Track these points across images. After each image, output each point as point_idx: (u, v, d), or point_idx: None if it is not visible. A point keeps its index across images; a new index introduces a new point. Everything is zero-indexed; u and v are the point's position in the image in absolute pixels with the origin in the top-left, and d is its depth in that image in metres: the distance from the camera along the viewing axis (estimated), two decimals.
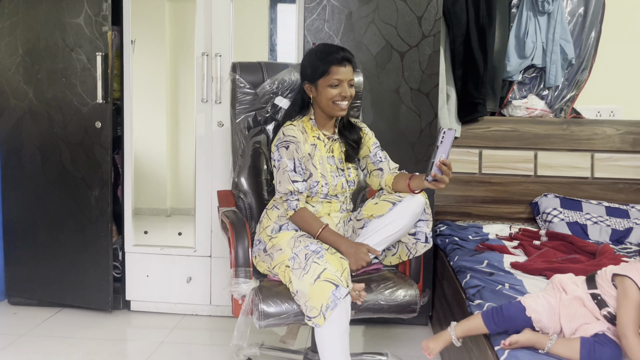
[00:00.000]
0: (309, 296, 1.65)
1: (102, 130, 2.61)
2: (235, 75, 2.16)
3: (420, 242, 1.91)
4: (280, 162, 1.89)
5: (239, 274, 1.80)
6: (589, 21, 2.88)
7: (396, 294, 1.84)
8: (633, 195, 2.84)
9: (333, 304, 1.63)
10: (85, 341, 2.46)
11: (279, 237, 1.89)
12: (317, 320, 1.63)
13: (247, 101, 2.17)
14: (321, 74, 1.89)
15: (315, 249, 1.74)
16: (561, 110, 2.95)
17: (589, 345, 1.33)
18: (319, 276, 1.65)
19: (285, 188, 1.88)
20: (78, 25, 2.59)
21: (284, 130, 1.92)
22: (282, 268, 1.81)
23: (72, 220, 2.69)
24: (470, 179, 2.91)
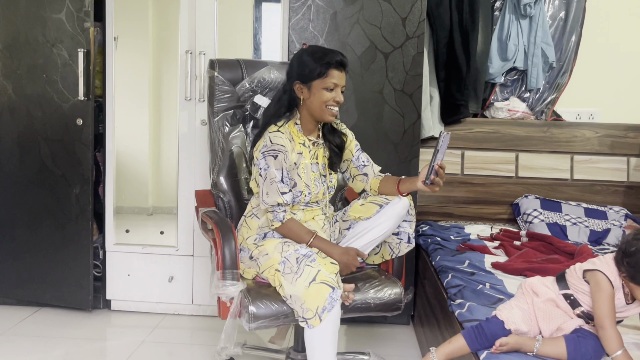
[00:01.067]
0: (304, 298, 1.65)
1: (83, 127, 2.58)
2: (214, 72, 2.13)
3: (404, 242, 1.95)
4: (267, 171, 1.82)
5: (226, 276, 1.77)
6: (570, 25, 2.93)
7: (382, 292, 1.87)
8: (611, 197, 2.90)
9: (330, 305, 1.64)
10: (64, 341, 2.43)
11: (265, 244, 1.87)
12: (312, 322, 1.64)
13: (225, 99, 2.14)
14: (318, 75, 1.84)
15: (306, 253, 1.74)
16: (542, 113, 3.00)
17: (573, 342, 1.36)
18: (314, 278, 1.66)
19: (274, 200, 1.81)
20: (59, 21, 2.56)
21: (271, 137, 1.83)
22: (271, 272, 1.79)
23: (52, 218, 2.65)
24: (452, 180, 2.93)
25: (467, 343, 1.47)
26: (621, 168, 2.90)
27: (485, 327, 1.46)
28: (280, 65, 2.23)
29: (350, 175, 2.05)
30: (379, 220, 1.88)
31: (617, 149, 2.90)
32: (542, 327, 1.43)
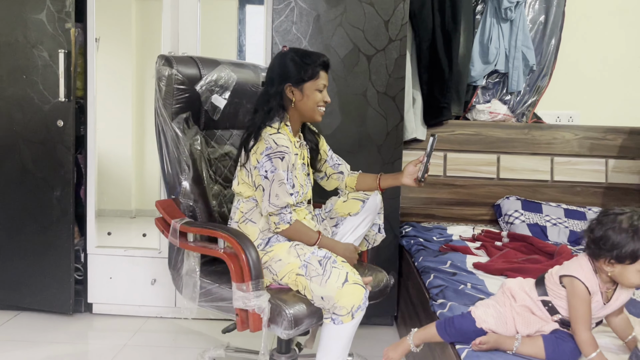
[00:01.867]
0: (337, 298, 1.69)
1: (64, 129, 2.56)
2: (172, 70, 1.95)
3: (378, 233, 2.09)
4: (275, 173, 1.78)
5: (253, 287, 1.69)
6: (549, 29, 2.97)
7: (377, 279, 1.96)
8: (590, 198, 2.94)
9: (364, 305, 1.73)
10: (45, 345, 2.40)
11: (275, 249, 1.84)
12: (344, 319, 1.70)
13: (184, 99, 1.98)
14: (310, 77, 1.85)
15: (325, 255, 1.79)
16: (523, 115, 3.04)
17: (551, 342, 1.38)
18: (346, 279, 1.71)
19: (284, 201, 1.78)
20: (40, 22, 2.53)
21: (274, 139, 1.79)
22: (292, 277, 1.79)
23: (33, 221, 2.62)
24: (435, 182, 2.96)
25: (437, 332, 1.53)
26: (600, 169, 2.95)
27: (456, 321, 1.51)
28: (234, 65, 2.15)
29: (326, 174, 2.08)
30: (364, 214, 1.98)
31: (596, 150, 2.95)
32: (520, 329, 1.45)
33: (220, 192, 2.12)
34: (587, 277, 1.37)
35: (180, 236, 1.88)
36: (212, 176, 2.09)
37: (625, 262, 1.32)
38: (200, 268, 1.91)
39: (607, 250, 1.33)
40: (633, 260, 1.32)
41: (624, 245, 1.31)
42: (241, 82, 2.16)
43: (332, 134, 2.48)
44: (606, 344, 1.46)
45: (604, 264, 1.36)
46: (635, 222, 1.32)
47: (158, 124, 2.00)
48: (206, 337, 2.54)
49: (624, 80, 3.10)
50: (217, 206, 2.08)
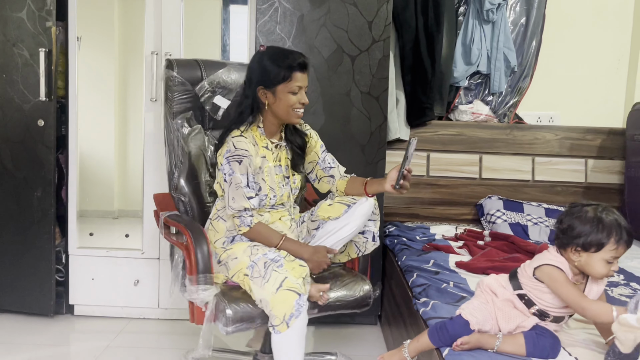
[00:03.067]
0: (272, 305, 1.66)
1: (45, 128, 2.53)
2: (172, 72, 2.09)
3: (370, 241, 1.99)
4: (232, 176, 1.80)
5: (200, 281, 1.75)
6: (530, 31, 3.02)
7: (353, 289, 1.91)
8: (570, 197, 2.99)
9: (297, 312, 1.65)
10: (25, 347, 2.37)
11: (234, 247, 1.86)
12: (279, 328, 1.65)
13: (184, 100, 2.09)
14: (282, 80, 1.81)
15: (274, 257, 1.75)
16: (505, 116, 3.07)
17: (532, 338, 1.40)
18: (280, 285, 1.66)
19: (240, 205, 1.80)
20: (20, 20, 2.50)
21: (234, 142, 1.82)
22: (240, 277, 1.79)
23: (13, 221, 2.59)
24: (418, 182, 2.98)
25: (430, 341, 1.51)
26: (579, 169, 3.00)
27: (449, 326, 1.49)
28: (240, 67, 2.21)
29: (317, 176, 2.05)
30: (347, 219, 1.90)
31: (575, 151, 3.00)
32: (501, 326, 1.47)
33: None
34: (559, 262, 1.43)
35: (166, 227, 1.96)
36: (212, 174, 2.14)
37: (591, 250, 1.38)
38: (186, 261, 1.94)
39: (573, 237, 1.39)
40: (598, 249, 1.37)
41: (590, 234, 1.37)
42: None
43: (315, 132, 2.48)
44: (584, 341, 1.49)
45: (571, 252, 1.41)
46: (599, 213, 1.39)
47: (164, 123, 2.14)
48: (189, 337, 2.53)
49: (603, 81, 3.15)
50: (213, 202, 2.11)
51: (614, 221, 1.39)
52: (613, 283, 2.03)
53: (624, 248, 1.39)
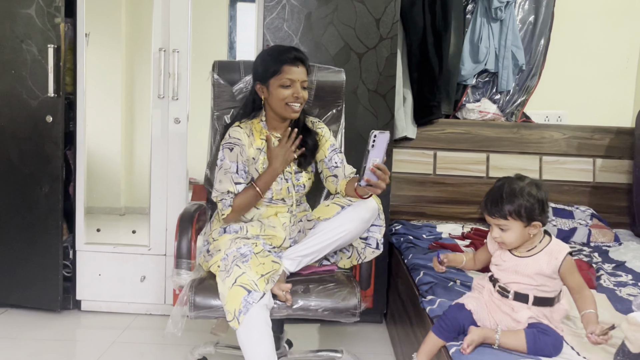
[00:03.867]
0: (226, 300, 1.67)
1: (53, 124, 2.54)
2: (214, 72, 2.16)
3: (370, 248, 1.89)
4: (223, 162, 1.88)
5: (180, 265, 1.84)
6: (539, 29, 3.00)
7: (336, 298, 1.79)
8: (577, 196, 2.97)
9: (245, 308, 1.64)
10: (32, 342, 2.38)
11: (220, 239, 1.89)
12: (232, 324, 1.66)
13: (222, 100, 2.16)
14: (273, 74, 1.86)
15: (244, 252, 1.75)
16: (512, 114, 3.06)
17: (533, 336, 1.39)
18: (235, 280, 1.68)
19: (225, 187, 1.85)
20: (29, 16, 2.51)
21: (230, 132, 1.91)
22: (214, 268, 1.82)
23: (20, 217, 2.60)
24: (424, 180, 2.97)
25: (435, 334, 1.53)
26: (587, 169, 2.98)
27: (446, 313, 1.54)
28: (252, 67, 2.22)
29: (324, 175, 2.04)
30: (337, 222, 1.81)
31: (583, 150, 2.98)
32: (495, 318, 1.49)
33: None
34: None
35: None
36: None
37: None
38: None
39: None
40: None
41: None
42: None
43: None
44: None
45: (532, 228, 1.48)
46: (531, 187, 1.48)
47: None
48: (196, 334, 2.53)
49: (612, 80, 3.13)
50: None
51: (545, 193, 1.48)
52: (621, 283, 2.02)
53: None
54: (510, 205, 1.44)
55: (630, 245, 2.55)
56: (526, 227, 1.46)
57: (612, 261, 2.32)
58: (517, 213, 1.44)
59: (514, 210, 1.44)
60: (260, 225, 1.92)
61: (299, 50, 1.91)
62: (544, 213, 1.46)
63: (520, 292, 1.47)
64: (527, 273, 1.46)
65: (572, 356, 1.40)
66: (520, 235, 1.46)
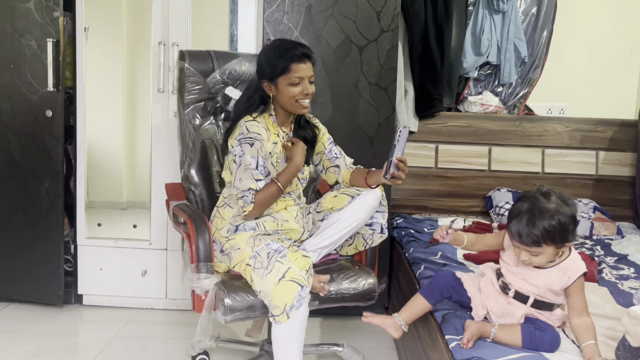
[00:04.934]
0: (272, 295, 1.66)
1: (53, 119, 2.53)
2: (184, 63, 2.09)
3: (377, 233, 1.98)
4: (242, 158, 1.82)
5: (200, 269, 1.76)
6: (542, 21, 2.97)
7: (356, 282, 1.90)
8: (580, 190, 2.96)
9: (298, 303, 1.65)
10: (35, 336, 2.39)
11: (237, 237, 1.86)
12: (280, 319, 1.65)
13: (196, 91, 2.10)
14: (281, 72, 1.84)
15: (278, 248, 1.75)
16: (514, 107, 3.04)
17: (529, 332, 1.39)
18: (283, 276, 1.66)
19: (246, 185, 1.81)
20: (28, 10, 2.50)
21: (247, 125, 1.85)
22: (242, 267, 1.80)
23: (21, 212, 2.60)
24: (426, 173, 2.96)
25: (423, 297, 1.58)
26: (590, 162, 2.97)
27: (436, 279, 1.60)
28: (252, 57, 2.21)
29: (323, 167, 2.06)
30: (351, 211, 1.90)
31: (586, 143, 2.96)
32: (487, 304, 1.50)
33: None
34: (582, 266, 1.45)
35: (175, 217, 1.98)
36: (223, 164, 2.13)
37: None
38: None
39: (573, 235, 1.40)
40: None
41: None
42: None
43: (323, 126, 2.47)
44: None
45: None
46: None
47: (178, 113, 2.15)
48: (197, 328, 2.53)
49: (615, 73, 3.11)
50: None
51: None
52: (623, 276, 2.01)
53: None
54: (545, 232, 1.35)
55: (632, 238, 2.54)
56: (559, 249, 1.40)
57: (615, 254, 2.30)
58: (551, 239, 1.36)
59: (549, 237, 1.35)
60: (273, 220, 1.92)
61: (304, 45, 1.89)
62: (575, 230, 1.39)
63: (521, 292, 1.45)
64: (534, 283, 1.43)
65: (574, 350, 1.39)
66: (551, 257, 1.40)
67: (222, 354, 2.24)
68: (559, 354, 1.37)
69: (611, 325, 1.54)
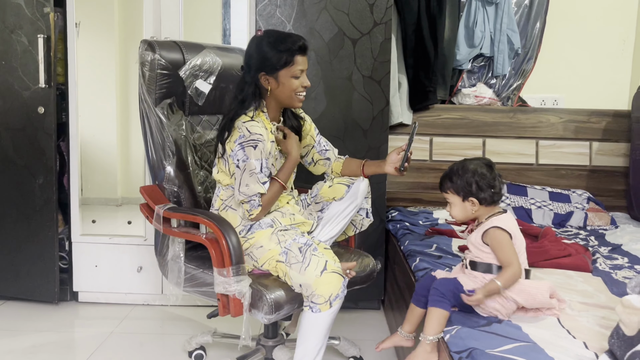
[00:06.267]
0: (315, 286, 1.68)
1: (45, 115, 2.52)
2: (155, 55, 1.94)
3: (365, 218, 2.06)
4: (247, 162, 1.76)
5: (233, 272, 1.69)
6: (534, 12, 2.97)
7: (362, 265, 1.96)
8: (574, 180, 2.97)
9: (342, 294, 1.72)
10: (30, 334, 2.38)
11: (256, 236, 1.83)
12: (322, 307, 1.69)
13: (167, 85, 1.97)
14: (284, 65, 1.79)
15: (306, 242, 1.77)
16: (508, 99, 3.04)
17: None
18: (325, 267, 1.70)
19: (254, 190, 1.76)
20: (18, 6, 2.47)
21: (247, 127, 1.76)
22: (272, 264, 1.79)
23: (15, 209, 2.59)
24: (421, 166, 2.96)
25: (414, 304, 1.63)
26: (584, 152, 2.98)
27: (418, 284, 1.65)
28: (218, 50, 2.13)
29: (313, 159, 2.06)
30: (350, 199, 1.96)
31: (580, 133, 2.97)
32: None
33: (206, 177, 2.11)
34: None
35: (165, 222, 1.89)
36: (197, 162, 2.09)
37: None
38: (185, 253, 1.93)
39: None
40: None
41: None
42: (227, 67, 2.14)
43: (317, 119, 2.46)
44: (589, 324, 1.48)
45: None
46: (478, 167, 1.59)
47: (142, 109, 2.00)
48: (193, 323, 2.54)
49: (608, 63, 3.12)
50: (203, 192, 2.08)
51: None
52: (617, 266, 2.02)
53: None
54: (450, 182, 1.60)
55: (626, 228, 2.55)
56: (464, 203, 1.58)
57: (609, 244, 2.32)
58: (454, 189, 1.59)
59: (451, 186, 1.60)
60: (283, 215, 1.91)
61: (302, 37, 1.84)
62: (481, 191, 1.56)
63: (468, 260, 1.61)
64: (470, 243, 1.60)
65: (570, 341, 1.40)
66: (462, 210, 1.60)
67: (218, 349, 2.24)
68: (552, 346, 1.37)
69: (605, 314, 1.54)
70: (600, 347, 1.33)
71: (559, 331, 1.43)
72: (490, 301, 1.50)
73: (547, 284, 1.55)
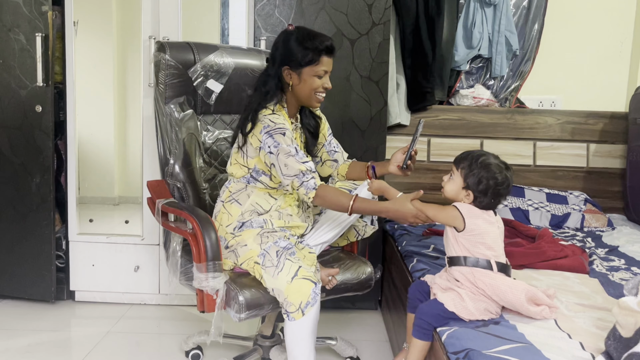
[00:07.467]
0: (287, 293, 1.66)
1: (42, 114, 2.51)
2: (165, 55, 2.00)
3: (369, 225, 2.02)
4: (279, 147, 1.72)
5: (209, 269, 1.72)
6: (533, 14, 2.98)
7: (357, 272, 1.95)
8: (571, 182, 2.97)
9: (313, 300, 1.67)
10: (27, 333, 2.38)
11: (243, 234, 1.83)
12: (294, 315, 1.66)
13: (176, 84, 2.02)
14: (309, 62, 1.78)
15: (286, 245, 1.74)
16: (506, 100, 3.05)
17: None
18: (296, 274, 1.67)
19: (296, 169, 1.71)
20: (16, 4, 2.47)
21: (270, 119, 1.76)
22: (250, 264, 1.78)
23: (11, 208, 2.58)
24: (419, 167, 2.96)
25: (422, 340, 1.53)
26: (581, 154, 2.98)
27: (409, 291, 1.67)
28: (232, 50, 2.15)
29: (321, 159, 2.05)
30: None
31: (577, 135, 2.98)
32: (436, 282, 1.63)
33: (215, 175, 2.13)
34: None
35: (163, 215, 1.93)
36: (206, 160, 2.11)
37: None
38: (184, 248, 1.95)
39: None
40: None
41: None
42: (240, 67, 2.15)
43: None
44: (585, 325, 1.48)
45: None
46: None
47: (155, 107, 2.06)
48: (190, 323, 2.53)
49: (606, 65, 3.12)
50: (210, 189, 2.11)
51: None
52: (614, 267, 2.03)
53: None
54: (467, 167, 1.58)
55: (623, 229, 2.56)
56: (463, 189, 1.58)
57: (606, 246, 2.32)
58: (464, 174, 1.57)
59: (464, 170, 1.58)
60: (279, 217, 1.89)
61: (331, 38, 1.83)
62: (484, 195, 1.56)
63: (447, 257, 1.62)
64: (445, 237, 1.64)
65: (567, 342, 1.40)
66: (455, 191, 1.60)
67: (215, 348, 2.24)
68: (549, 347, 1.38)
69: (602, 316, 1.55)
70: (597, 348, 1.34)
71: (555, 332, 1.43)
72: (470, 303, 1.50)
73: (523, 285, 1.50)
